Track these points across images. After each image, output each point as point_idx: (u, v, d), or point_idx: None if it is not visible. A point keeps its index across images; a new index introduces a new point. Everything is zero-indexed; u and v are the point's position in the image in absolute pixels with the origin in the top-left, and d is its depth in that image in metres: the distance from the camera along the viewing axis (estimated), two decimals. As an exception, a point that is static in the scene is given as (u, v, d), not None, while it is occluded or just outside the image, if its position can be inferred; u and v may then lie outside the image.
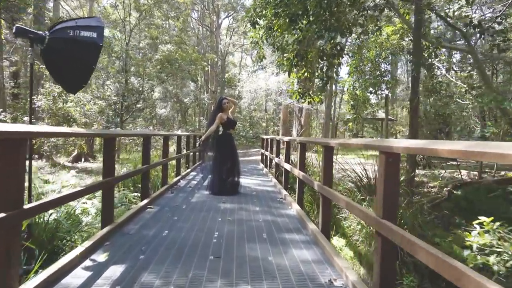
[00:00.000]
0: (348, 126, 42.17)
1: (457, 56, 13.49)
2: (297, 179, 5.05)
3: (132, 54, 14.97)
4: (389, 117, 28.29)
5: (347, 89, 11.65)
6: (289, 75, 7.14)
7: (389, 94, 12.82)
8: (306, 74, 6.63)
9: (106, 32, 14.36)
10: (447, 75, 10.42)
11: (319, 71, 6.51)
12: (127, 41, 13.64)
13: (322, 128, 30.34)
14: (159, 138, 15.77)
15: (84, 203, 7.08)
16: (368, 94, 11.38)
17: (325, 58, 6.12)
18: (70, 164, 15.30)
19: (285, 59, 6.78)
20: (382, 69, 11.40)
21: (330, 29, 5.21)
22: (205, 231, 3.71)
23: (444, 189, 8.47)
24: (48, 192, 7.68)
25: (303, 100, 7.11)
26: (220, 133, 6.31)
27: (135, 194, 7.42)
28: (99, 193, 7.23)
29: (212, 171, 6.19)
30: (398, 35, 11.62)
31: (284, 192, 6.02)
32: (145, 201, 4.89)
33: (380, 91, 11.84)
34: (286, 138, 6.35)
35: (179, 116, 29.20)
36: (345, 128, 40.20)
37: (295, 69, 6.65)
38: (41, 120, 13.70)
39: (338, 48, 5.53)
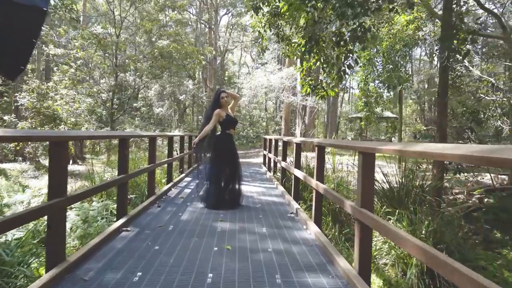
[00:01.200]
0: (350, 125, 41.12)
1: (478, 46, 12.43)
2: (314, 191, 3.99)
3: (126, 49, 13.90)
4: (393, 115, 27.26)
5: (358, 84, 10.58)
6: (301, 63, 6.09)
7: (403, 90, 11.75)
8: (318, 63, 5.56)
9: (99, 29, 13.35)
10: (469, 67, 9.38)
11: (334, 60, 5.44)
12: (117, 33, 12.55)
13: (323, 128, 29.31)
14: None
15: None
16: (381, 90, 10.33)
17: (342, 44, 5.06)
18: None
19: (296, 45, 5.71)
20: (396, 63, 10.33)
21: (353, 5, 4.15)
22: (195, 272, 2.65)
23: (474, 196, 7.43)
24: (15, 204, 6.64)
25: (312, 94, 6.03)
26: (218, 133, 5.25)
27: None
28: (80, 204, 6.21)
29: (208, 179, 5.12)
30: (414, 25, 10.58)
31: (295, 205, 4.96)
32: (121, 220, 3.83)
33: (392, 87, 10.78)
34: (297, 140, 5.29)
35: (177, 115, 28.14)
36: (347, 127, 39.24)
37: (307, 56, 5.58)
38: (24, 120, 12.63)
39: (361, 30, 4.48)
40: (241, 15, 31.78)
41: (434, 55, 10.38)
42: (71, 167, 13.86)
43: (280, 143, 8.62)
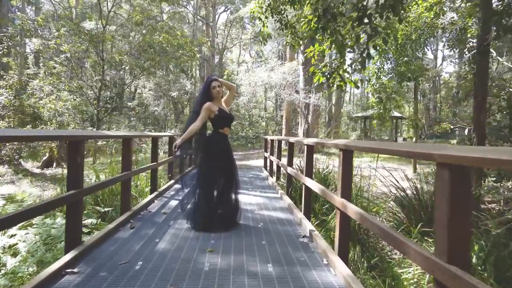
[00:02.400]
0: (352, 125, 40.05)
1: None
2: (339, 214, 2.89)
3: (114, 42, 12.76)
4: (398, 114, 26.18)
5: (369, 79, 9.48)
6: (313, 44, 4.98)
7: (418, 85, 10.64)
8: (333, 45, 4.43)
9: (89, 25, 12.23)
10: (498, 57, 8.30)
11: (353, 40, 4.33)
12: (103, 25, 11.42)
13: (324, 127, 28.21)
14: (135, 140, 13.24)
15: (13, 235, 4.94)
16: (394, 84, 9.21)
17: (366, 20, 3.95)
18: (39, 171, 13.12)
19: (304, 23, 4.59)
20: (411, 54, 9.23)
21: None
22: None
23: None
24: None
25: (322, 86, 4.92)
26: (209, 133, 4.14)
27: (108, 211, 5.34)
28: (45, 218, 5.13)
29: (195, 191, 4.01)
30: (433, 11, 9.48)
31: (308, 225, 3.86)
32: (70, 255, 2.72)
33: (406, 82, 9.68)
34: (309, 141, 4.18)
35: (173, 115, 27.03)
36: (348, 127, 38.16)
37: (319, 37, 4.45)
38: (0, 119, 11.51)
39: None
40: (240, 10, 30.67)
41: (455, 46, 9.27)
42: (54, 170, 12.75)
43: (285, 145, 7.53)
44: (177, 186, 6.88)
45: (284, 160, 8.06)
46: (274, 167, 8.11)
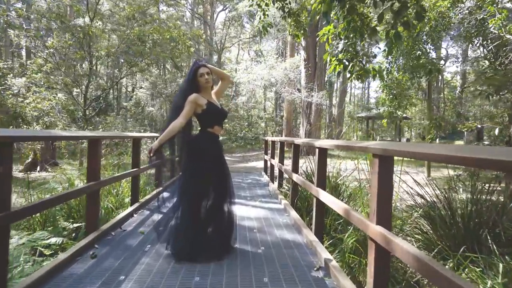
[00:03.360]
0: (353, 125, 39.26)
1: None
2: (374, 246, 2.02)
3: (104, 36, 11.89)
4: (403, 114, 25.36)
5: (379, 75, 8.58)
6: (327, 22, 4.09)
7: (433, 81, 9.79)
8: (351, 25, 3.57)
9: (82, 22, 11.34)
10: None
11: (376, 21, 3.47)
12: (90, 17, 10.54)
13: (325, 128, 27.37)
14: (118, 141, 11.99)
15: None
16: (406, 81, 8.34)
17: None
18: (21, 175, 12.23)
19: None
20: (425, 48, 8.38)
21: None
22: None
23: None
24: None
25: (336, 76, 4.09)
26: (196, 133, 3.26)
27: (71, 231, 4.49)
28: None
29: (178, 208, 3.13)
30: (447, 2, 8.66)
31: (323, 252, 2.99)
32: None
33: (421, 77, 8.83)
34: (322, 143, 3.31)
35: (170, 115, 26.12)
36: (349, 127, 37.30)
37: (334, 15, 3.59)
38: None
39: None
40: (238, 4, 29.84)
41: (474, 37, 8.42)
42: (38, 174, 11.87)
43: (287, 147, 6.69)
44: (166, 194, 6.00)
45: (287, 163, 7.21)
46: (276, 171, 7.26)
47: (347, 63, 3.87)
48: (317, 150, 3.46)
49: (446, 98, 33.53)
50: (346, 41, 3.73)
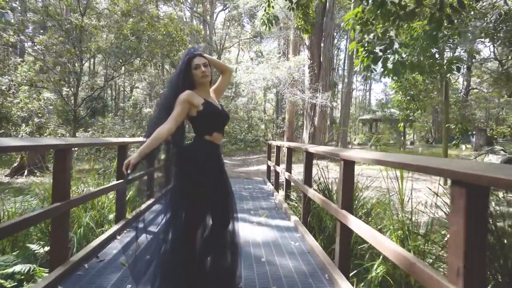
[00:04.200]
0: (353, 129, 38.61)
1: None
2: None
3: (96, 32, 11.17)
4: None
5: (382, 75, 7.85)
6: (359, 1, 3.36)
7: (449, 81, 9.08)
8: (383, 8, 2.85)
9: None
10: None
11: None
12: (82, 11, 9.82)
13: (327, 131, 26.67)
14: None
15: None
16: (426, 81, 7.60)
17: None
18: (7, 179, 11.49)
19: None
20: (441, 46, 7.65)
21: None
22: None
23: None
24: None
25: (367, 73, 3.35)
26: (190, 142, 2.52)
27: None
28: None
29: (167, 238, 2.40)
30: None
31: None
32: None
33: (432, 77, 8.10)
34: (353, 155, 2.59)
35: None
36: (350, 130, 36.62)
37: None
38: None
39: None
40: (239, 6, 29.17)
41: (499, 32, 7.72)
42: (25, 179, 11.12)
43: (298, 155, 5.97)
44: (157, 206, 5.27)
45: (293, 168, 6.55)
46: (281, 178, 6.56)
47: (380, 53, 3.13)
48: (342, 162, 2.74)
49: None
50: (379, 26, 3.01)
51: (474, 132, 18.37)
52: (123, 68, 11.06)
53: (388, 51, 3.07)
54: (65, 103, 10.38)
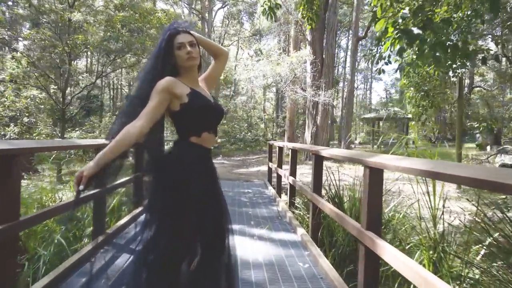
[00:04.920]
0: (354, 128, 38.05)
1: None
2: None
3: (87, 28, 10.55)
4: (408, 115, 24.10)
5: (403, 68, 7.21)
6: None
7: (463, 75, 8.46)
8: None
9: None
10: None
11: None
12: (70, 3, 9.21)
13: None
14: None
15: None
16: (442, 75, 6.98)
17: None
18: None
19: None
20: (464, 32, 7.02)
21: None
22: None
23: None
24: None
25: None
26: (171, 146, 1.91)
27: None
28: None
29: (141, 273, 1.80)
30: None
31: None
32: None
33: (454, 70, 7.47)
34: (375, 160, 2.00)
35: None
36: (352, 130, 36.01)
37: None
38: None
39: None
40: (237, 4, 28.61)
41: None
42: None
43: (308, 161, 5.39)
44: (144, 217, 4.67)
45: (294, 171, 5.98)
46: (284, 181, 5.99)
47: (419, 31, 2.49)
48: (367, 170, 2.16)
49: (451, 98, 32.25)
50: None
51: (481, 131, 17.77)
52: (115, 64, 10.45)
53: (427, 32, 2.45)
54: (53, 101, 9.76)
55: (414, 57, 6.98)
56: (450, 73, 8.02)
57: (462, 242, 2.97)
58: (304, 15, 5.90)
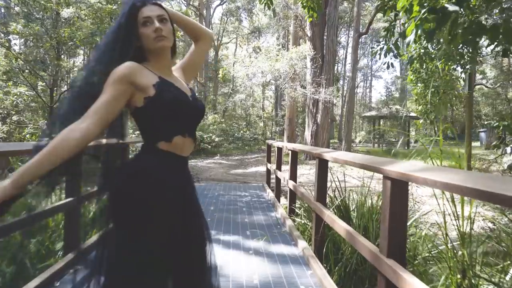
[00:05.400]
0: (355, 126, 37.67)
1: None
2: None
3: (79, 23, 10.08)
4: (410, 113, 23.67)
5: (410, 62, 6.75)
6: None
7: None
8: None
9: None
10: None
11: None
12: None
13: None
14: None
15: None
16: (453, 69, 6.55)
17: None
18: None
19: None
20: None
21: None
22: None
23: None
24: None
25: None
26: (133, 158, 1.46)
27: None
28: None
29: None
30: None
31: None
32: None
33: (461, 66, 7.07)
34: (394, 169, 1.54)
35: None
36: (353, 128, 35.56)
37: None
38: None
39: None
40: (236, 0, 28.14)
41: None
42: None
43: (309, 161, 4.99)
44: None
45: (292, 173, 5.59)
46: (283, 184, 5.55)
47: (456, 7, 2.00)
48: (388, 182, 1.71)
49: (454, 96, 31.83)
50: None
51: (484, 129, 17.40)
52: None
53: (462, 12, 1.97)
54: (41, 99, 9.30)
55: (422, 50, 6.47)
56: (459, 68, 7.61)
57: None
58: (305, 5, 5.45)
